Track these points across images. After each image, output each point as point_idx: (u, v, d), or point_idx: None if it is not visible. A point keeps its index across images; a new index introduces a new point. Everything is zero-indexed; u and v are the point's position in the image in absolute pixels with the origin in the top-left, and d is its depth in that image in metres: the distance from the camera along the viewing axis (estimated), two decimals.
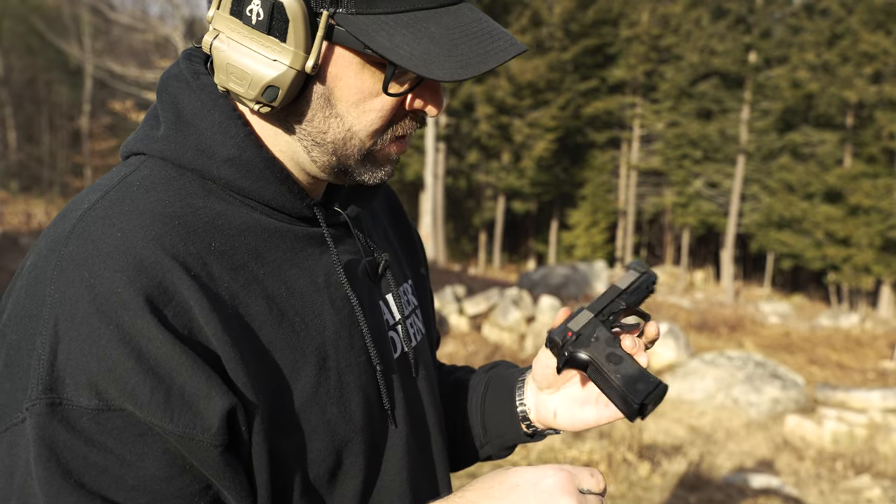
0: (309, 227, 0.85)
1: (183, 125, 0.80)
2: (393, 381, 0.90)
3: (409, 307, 0.99)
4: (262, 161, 0.80)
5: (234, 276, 0.77)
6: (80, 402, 0.67)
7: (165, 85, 0.83)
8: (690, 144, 29.55)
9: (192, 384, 0.69)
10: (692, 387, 9.23)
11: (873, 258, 24.66)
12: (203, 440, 0.69)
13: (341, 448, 0.82)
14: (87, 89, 31.59)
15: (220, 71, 0.77)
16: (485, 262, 32.60)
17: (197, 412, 0.69)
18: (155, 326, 0.69)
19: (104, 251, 0.71)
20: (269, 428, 0.75)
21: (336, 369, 0.82)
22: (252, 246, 0.79)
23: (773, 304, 22.02)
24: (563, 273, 17.40)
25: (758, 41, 28.23)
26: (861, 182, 25.37)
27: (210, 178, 0.79)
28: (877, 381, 12.47)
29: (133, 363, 0.68)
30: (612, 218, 32.62)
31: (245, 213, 0.80)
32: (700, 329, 15.49)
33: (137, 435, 0.68)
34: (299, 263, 0.83)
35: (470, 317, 11.08)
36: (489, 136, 29.28)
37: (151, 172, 0.79)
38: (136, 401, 0.67)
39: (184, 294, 0.71)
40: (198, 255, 0.75)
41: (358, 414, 0.83)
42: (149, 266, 0.71)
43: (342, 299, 0.85)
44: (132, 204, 0.75)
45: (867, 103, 25.79)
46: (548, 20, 29.04)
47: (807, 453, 7.32)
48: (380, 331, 0.90)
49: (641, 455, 5.84)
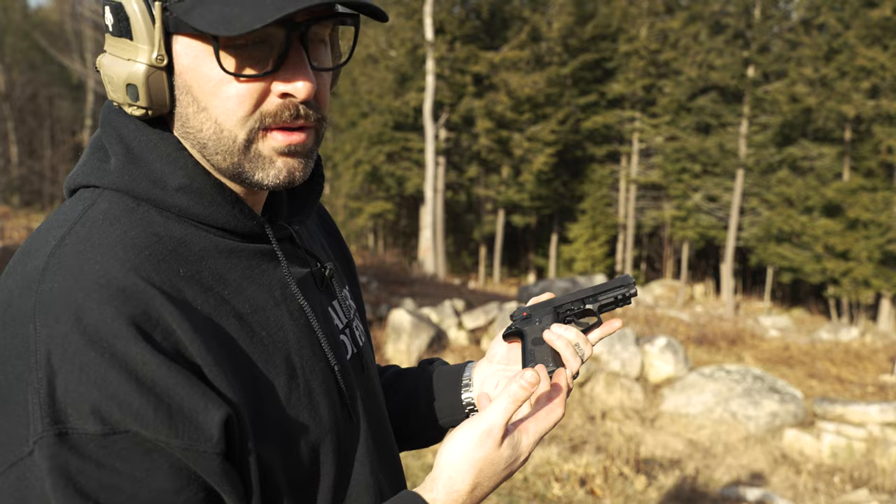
0: (259, 244, 0.89)
1: (133, 158, 0.83)
2: (351, 380, 0.96)
3: (351, 311, 1.05)
4: (211, 187, 0.84)
5: (205, 299, 0.81)
6: (86, 429, 0.70)
7: (108, 119, 0.87)
8: (689, 158, 29.61)
9: (189, 400, 0.73)
10: (690, 400, 9.23)
11: (872, 272, 24.65)
12: (206, 450, 0.74)
13: (315, 449, 0.87)
14: (89, 104, 31.72)
15: (105, 86, 0.83)
16: (485, 276, 32.60)
17: (198, 425, 0.73)
18: (148, 351, 0.72)
19: (86, 285, 0.74)
20: (255, 436, 0.80)
21: (303, 376, 0.87)
22: (214, 268, 0.84)
23: (772, 318, 22.01)
24: (562, 287, 17.42)
25: (756, 56, 28.36)
26: (860, 196, 25.40)
27: (165, 207, 0.83)
28: (877, 394, 12.46)
29: (134, 387, 0.71)
30: (611, 231, 32.65)
31: (202, 237, 0.84)
32: (699, 343, 15.49)
33: (144, 453, 0.72)
34: (256, 280, 0.87)
35: (469, 331, 11.08)
36: (489, 150, 29.36)
37: (110, 206, 0.82)
38: (141, 421, 0.71)
39: (167, 319, 0.75)
40: (171, 282, 0.78)
41: (326, 415, 0.89)
42: (132, 295, 0.74)
43: (298, 310, 0.90)
44: (101, 237, 0.78)
45: (865, 117, 25.86)
46: (547, 35, 29.19)
47: (805, 467, 7.32)
48: (333, 335, 0.95)
49: (638, 469, 5.84)
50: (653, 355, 9.98)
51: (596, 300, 1.11)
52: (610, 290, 1.10)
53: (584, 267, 31.31)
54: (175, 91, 0.81)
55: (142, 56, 0.78)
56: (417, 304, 12.27)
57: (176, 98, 0.81)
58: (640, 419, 8.54)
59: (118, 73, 0.80)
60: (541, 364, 1.01)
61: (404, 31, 27.07)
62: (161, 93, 0.80)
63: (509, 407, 0.86)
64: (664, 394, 9.49)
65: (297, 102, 0.81)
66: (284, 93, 0.80)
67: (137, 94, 0.79)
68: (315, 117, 0.84)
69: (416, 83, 28.39)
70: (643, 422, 8.50)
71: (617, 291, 1.10)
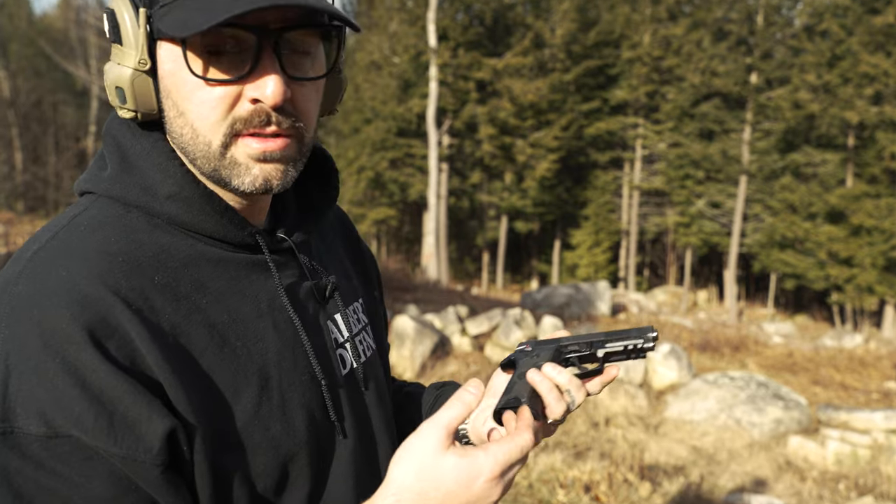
0: (252, 254, 0.90)
1: (127, 166, 0.86)
2: (340, 396, 0.94)
3: (359, 325, 1.04)
4: (200, 196, 0.86)
5: (175, 308, 0.81)
6: (30, 429, 0.72)
7: (109, 129, 0.90)
8: (692, 165, 29.62)
9: (133, 409, 0.74)
10: (694, 407, 9.22)
11: (876, 278, 24.61)
12: (146, 461, 0.74)
13: (286, 462, 0.86)
14: (94, 110, 31.83)
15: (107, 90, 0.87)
16: (488, 282, 32.61)
17: (139, 435, 0.74)
18: (97, 358, 0.73)
19: (50, 290, 0.76)
20: (211, 447, 0.80)
21: (279, 389, 0.87)
22: (195, 277, 0.85)
23: (776, 325, 21.97)
24: (565, 293, 17.41)
25: (759, 62, 28.38)
26: (863, 202, 25.38)
27: (155, 214, 0.85)
28: (881, 401, 12.43)
29: (78, 392, 0.72)
30: (614, 238, 32.64)
31: (189, 244, 0.86)
32: (703, 349, 15.47)
33: (84, 459, 0.73)
34: (243, 290, 0.88)
35: (472, 337, 11.08)
36: (492, 157, 29.39)
37: (99, 212, 0.85)
38: (81, 427, 0.72)
39: (125, 327, 0.76)
40: (140, 290, 0.80)
41: (302, 429, 0.88)
42: (92, 302, 0.76)
43: (285, 322, 0.90)
44: (79, 243, 0.81)
45: (868, 124, 25.86)
46: (550, 42, 29.24)
47: (809, 474, 7.30)
48: (324, 349, 0.94)
49: (643, 475, 5.83)
50: (656, 362, 9.98)
51: (604, 346, 1.00)
52: (622, 339, 1.00)
53: (588, 273, 31.29)
54: (160, 95, 0.84)
55: (128, 60, 0.82)
56: (421, 310, 12.28)
57: (161, 102, 0.85)
58: (643, 426, 8.53)
59: (110, 78, 0.84)
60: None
61: (408, 38, 27.15)
62: (146, 96, 0.83)
63: (454, 412, 0.80)
64: (668, 400, 9.49)
65: (266, 109, 0.81)
66: (255, 98, 0.81)
67: (125, 96, 0.83)
68: (289, 124, 0.83)
69: (419, 89, 28.46)
70: (647, 428, 8.49)
71: (629, 341, 0.99)
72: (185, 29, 0.76)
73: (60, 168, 34.95)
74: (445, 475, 0.78)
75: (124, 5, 0.81)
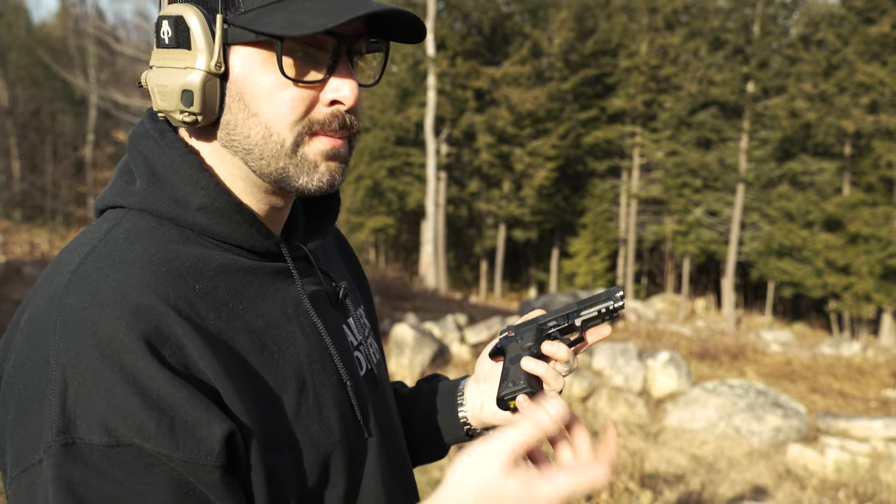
0: (275, 262, 0.93)
1: (157, 179, 0.88)
2: (364, 396, 0.98)
3: (365, 329, 1.08)
4: (231, 207, 0.88)
5: (218, 314, 0.84)
6: (92, 440, 0.74)
7: (134, 143, 0.92)
8: (690, 173, 29.71)
9: (192, 414, 0.76)
10: (694, 415, 9.23)
11: (874, 286, 24.66)
12: (206, 464, 0.76)
13: (325, 460, 0.89)
14: (92, 119, 31.84)
15: (154, 97, 0.88)
16: (486, 291, 32.62)
17: (199, 439, 0.76)
18: (155, 366, 0.75)
19: (102, 301, 0.78)
20: (264, 448, 0.82)
21: (313, 389, 0.90)
22: (230, 285, 0.87)
23: (774, 333, 21.99)
24: (564, 301, 17.43)
25: (756, 71, 28.51)
26: (860, 210, 25.46)
27: (186, 225, 0.87)
28: (879, 409, 12.44)
29: (138, 400, 0.74)
30: (612, 246, 32.69)
31: (219, 255, 0.88)
32: (701, 357, 15.48)
33: (145, 466, 0.74)
34: (271, 297, 0.91)
35: (471, 345, 11.09)
36: (490, 165, 29.46)
37: (133, 224, 0.86)
38: (144, 434, 0.74)
39: (178, 334, 0.78)
40: (185, 298, 0.82)
41: (336, 428, 0.91)
42: (145, 311, 0.78)
43: (310, 326, 0.93)
44: (121, 255, 0.83)
45: (864, 133, 25.97)
46: (548, 51, 29.36)
47: (809, 482, 7.31)
48: (346, 351, 0.98)
49: (643, 484, 5.84)
50: (655, 370, 9.99)
51: (579, 315, 1.07)
52: (594, 304, 1.06)
53: (586, 281, 31.33)
54: (226, 98, 0.86)
55: (200, 63, 0.84)
56: (419, 318, 12.28)
57: (226, 105, 0.87)
58: (643, 434, 8.54)
59: (173, 82, 0.85)
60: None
61: (406, 47, 27.22)
62: (213, 99, 0.86)
63: (526, 430, 0.79)
64: (667, 409, 9.49)
65: (343, 111, 0.87)
66: (333, 100, 0.87)
67: (192, 99, 0.84)
68: (357, 127, 0.90)
69: (417, 98, 28.53)
70: (646, 437, 8.49)
71: (601, 305, 1.05)
72: (302, 28, 0.80)
73: (58, 177, 34.93)
74: (505, 499, 0.78)
75: (193, 11, 0.84)
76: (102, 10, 50.04)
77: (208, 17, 0.84)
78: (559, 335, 1.07)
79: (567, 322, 1.07)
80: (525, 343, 1.06)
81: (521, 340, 1.06)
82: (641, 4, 30.39)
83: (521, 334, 1.08)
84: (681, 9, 30.41)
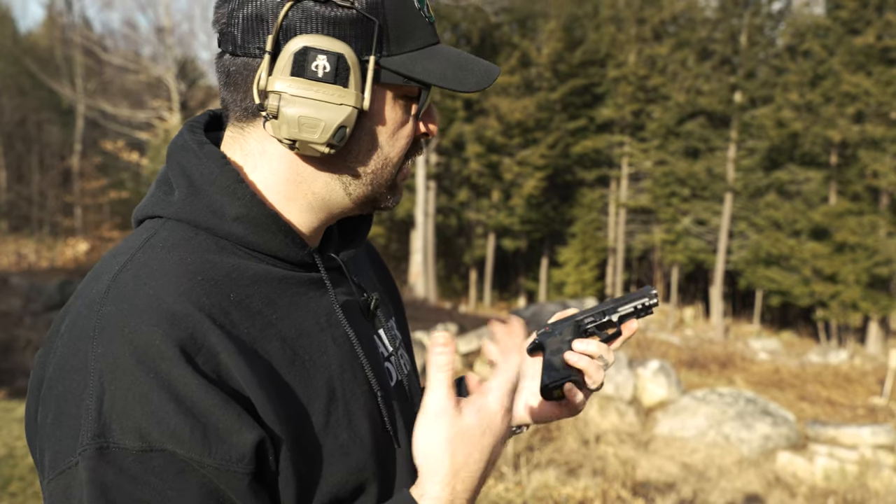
0: (308, 272, 0.95)
1: (195, 190, 0.90)
2: (393, 407, 0.99)
3: (397, 340, 1.09)
4: (267, 217, 0.89)
5: (251, 323, 0.85)
6: (126, 444, 0.75)
7: (173, 155, 0.94)
8: (678, 182, 29.87)
9: (224, 421, 0.77)
10: (684, 424, 9.26)
11: (860, 295, 24.82)
12: (237, 470, 0.77)
13: (358, 470, 0.90)
14: (79, 129, 31.66)
15: (288, 126, 0.86)
16: (475, 300, 32.61)
17: (231, 445, 0.77)
18: (189, 373, 0.77)
19: (139, 308, 0.80)
20: (294, 457, 0.83)
21: (343, 399, 0.91)
22: (264, 294, 0.89)
23: (762, 341, 22.10)
24: (553, 310, 17.37)
25: (743, 81, 28.74)
26: (846, 219, 25.65)
27: (222, 235, 0.89)
28: (867, 417, 12.51)
29: (173, 406, 0.76)
30: (601, 255, 32.77)
31: (254, 264, 0.89)
32: (691, 366, 15.54)
33: (177, 472, 0.76)
34: (304, 306, 0.92)
35: (462, 355, 11.09)
36: (479, 175, 29.52)
37: (171, 234, 0.88)
38: (177, 439, 0.76)
39: (212, 342, 0.80)
40: (220, 306, 0.84)
41: (367, 438, 0.92)
42: (180, 319, 0.80)
43: (342, 336, 0.94)
44: (159, 264, 0.85)
45: (850, 142, 26.19)
46: (536, 61, 29.50)
47: (799, 490, 7.34)
48: (377, 362, 0.99)
49: (635, 492, 5.85)
50: (646, 378, 10.01)
51: (616, 311, 1.15)
52: (630, 301, 1.15)
53: (575, 290, 31.37)
54: (357, 131, 0.90)
55: (352, 101, 0.87)
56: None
57: (355, 138, 0.91)
58: (634, 443, 8.55)
59: (328, 117, 0.86)
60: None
61: None
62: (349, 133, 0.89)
63: (438, 377, 0.84)
64: (657, 417, 9.51)
65: (427, 140, 0.97)
66: (425, 132, 0.97)
67: (344, 136, 0.87)
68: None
69: None
70: (637, 445, 8.51)
71: (637, 301, 1.15)
72: (463, 85, 0.91)
73: (45, 187, 34.71)
74: (474, 433, 0.84)
75: (349, 49, 0.86)
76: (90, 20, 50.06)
77: (358, 55, 0.87)
78: (596, 330, 1.15)
79: (604, 318, 1.15)
80: (565, 337, 1.13)
81: (560, 335, 1.13)
82: (629, 15, 30.60)
83: (558, 330, 1.14)
84: (669, 19, 30.63)
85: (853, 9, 25.84)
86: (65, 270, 17.95)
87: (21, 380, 8.44)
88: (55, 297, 12.27)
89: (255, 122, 0.91)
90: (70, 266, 19.32)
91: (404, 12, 0.90)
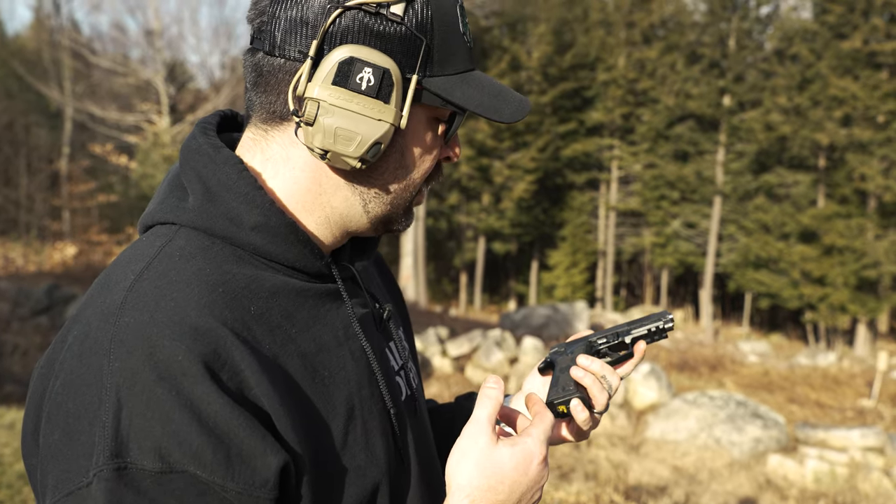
0: (324, 283, 0.91)
1: (211, 196, 0.85)
2: (405, 423, 0.96)
3: (405, 353, 1.05)
4: (285, 227, 0.86)
5: (272, 338, 0.82)
6: (145, 465, 0.71)
7: (187, 159, 0.89)
8: (668, 185, 29.98)
9: (248, 444, 0.74)
10: (675, 427, 9.27)
11: (849, 297, 24.95)
12: (260, 496, 0.74)
13: (371, 490, 0.87)
14: (67, 132, 31.47)
15: (323, 135, 0.83)
16: (466, 303, 32.60)
17: (255, 469, 0.74)
18: (214, 391, 0.73)
19: (161, 321, 0.75)
20: (313, 478, 0.80)
21: (361, 417, 0.88)
22: (283, 307, 0.85)
23: (751, 344, 22.17)
24: (544, 313, 17.46)
25: (731, 85, 28.88)
26: (835, 222, 25.79)
27: (239, 244, 0.85)
28: (855, 419, 12.56)
29: (196, 427, 0.72)
30: (591, 258, 32.83)
31: (272, 276, 0.86)
32: (681, 369, 15.57)
33: (198, 494, 0.72)
34: (322, 319, 0.89)
35: (453, 358, 11.07)
36: (469, 178, 29.53)
37: (187, 242, 0.84)
38: (199, 462, 0.72)
39: (235, 358, 0.76)
40: (242, 320, 0.80)
41: (382, 457, 0.89)
42: (204, 333, 0.76)
43: (359, 350, 0.91)
44: (178, 274, 0.80)
45: (838, 146, 26.35)
46: (526, 64, 29.55)
47: (789, 493, 7.36)
48: (390, 376, 0.96)
49: (628, 496, 5.85)
50: (636, 382, 10.02)
51: (629, 333, 1.13)
52: (644, 324, 1.13)
53: (565, 294, 31.41)
54: (388, 149, 0.88)
55: (391, 118, 0.84)
56: None
57: (385, 155, 0.88)
58: (625, 446, 8.56)
59: (366, 131, 0.84)
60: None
61: None
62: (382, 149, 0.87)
63: (485, 404, 0.88)
64: (648, 420, 9.52)
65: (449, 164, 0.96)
66: (448, 156, 0.96)
67: (379, 151, 0.85)
68: None
69: None
70: (629, 449, 8.51)
71: (652, 324, 1.13)
72: (500, 115, 0.89)
73: (33, 190, 34.47)
74: (505, 465, 0.85)
75: (394, 65, 0.83)
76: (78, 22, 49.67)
77: (402, 72, 0.85)
78: (609, 351, 1.13)
79: (617, 339, 1.13)
80: (575, 356, 1.11)
81: (571, 353, 1.12)
82: (619, 19, 30.71)
83: (570, 349, 1.13)
84: (658, 23, 30.77)
85: (840, 13, 26.02)
86: (53, 274, 17.83)
87: (8, 385, 8.36)
88: (43, 301, 12.19)
89: (282, 127, 0.87)
90: (58, 270, 19.19)
91: (450, 35, 0.88)
